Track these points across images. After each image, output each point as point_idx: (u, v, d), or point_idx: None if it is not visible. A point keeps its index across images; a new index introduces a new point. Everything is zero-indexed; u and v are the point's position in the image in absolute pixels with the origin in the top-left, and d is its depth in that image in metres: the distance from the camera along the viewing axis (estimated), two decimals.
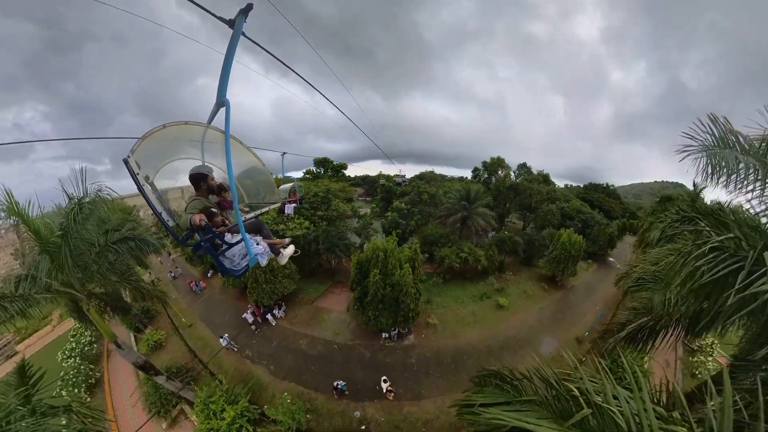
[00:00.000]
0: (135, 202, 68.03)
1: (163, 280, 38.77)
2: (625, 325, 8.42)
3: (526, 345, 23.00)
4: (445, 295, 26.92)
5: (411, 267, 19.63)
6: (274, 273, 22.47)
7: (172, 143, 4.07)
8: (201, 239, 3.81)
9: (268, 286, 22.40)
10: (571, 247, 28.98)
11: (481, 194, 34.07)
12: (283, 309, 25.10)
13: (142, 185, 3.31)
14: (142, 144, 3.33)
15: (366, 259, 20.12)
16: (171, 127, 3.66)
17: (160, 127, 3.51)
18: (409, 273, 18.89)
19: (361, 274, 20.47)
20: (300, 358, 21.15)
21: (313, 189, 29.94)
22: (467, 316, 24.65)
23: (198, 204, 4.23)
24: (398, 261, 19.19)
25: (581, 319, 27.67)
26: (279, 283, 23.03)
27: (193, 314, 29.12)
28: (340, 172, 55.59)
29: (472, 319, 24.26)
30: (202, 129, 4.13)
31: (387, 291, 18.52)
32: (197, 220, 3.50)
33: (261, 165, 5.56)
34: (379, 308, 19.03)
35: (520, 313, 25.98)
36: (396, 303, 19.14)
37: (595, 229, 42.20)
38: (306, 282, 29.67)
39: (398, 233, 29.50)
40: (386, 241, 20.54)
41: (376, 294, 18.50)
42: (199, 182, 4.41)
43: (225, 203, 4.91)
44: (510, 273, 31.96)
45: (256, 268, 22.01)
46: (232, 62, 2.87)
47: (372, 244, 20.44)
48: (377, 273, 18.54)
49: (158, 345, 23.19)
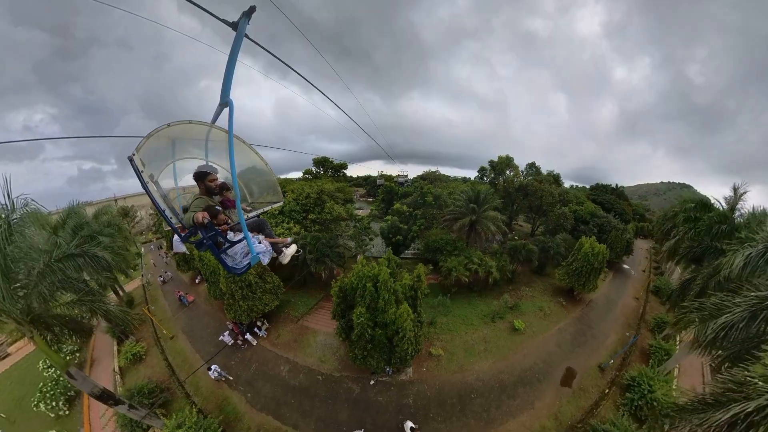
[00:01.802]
0: (134, 202, 65.84)
1: (153, 283, 35.97)
2: (724, 404, 6.17)
3: (545, 377, 18.95)
4: (452, 313, 22.75)
5: (412, 301, 14.99)
6: (253, 288, 18.72)
7: (176, 143, 4.01)
8: (203, 237, 3.68)
9: (246, 304, 18.60)
10: (594, 259, 24.63)
11: (491, 196, 29.78)
12: (265, 327, 21.36)
13: (147, 183, 3.17)
14: (147, 142, 3.24)
15: (350, 287, 15.51)
16: (175, 126, 3.56)
17: (164, 126, 3.41)
18: (409, 314, 14.06)
19: (345, 304, 16.10)
20: (279, 387, 17.48)
21: (305, 190, 26.11)
22: (477, 342, 20.39)
23: (201, 203, 4.04)
24: (393, 295, 14.38)
25: (603, 342, 23.58)
26: (258, 300, 19.22)
27: (176, 325, 26.34)
28: (340, 172, 51.94)
29: (482, 346, 20.01)
30: (206, 128, 4.01)
31: (377, 332, 14.19)
32: (200, 217, 3.45)
33: (263, 164, 5.27)
34: (368, 348, 14.68)
35: (538, 336, 21.75)
36: (389, 344, 14.81)
37: (612, 234, 37.63)
38: (295, 293, 25.99)
39: (398, 240, 25.41)
40: (378, 265, 15.60)
41: (362, 335, 14.21)
42: (203, 180, 4.16)
43: (228, 202, 4.68)
44: (525, 288, 27.51)
45: (231, 284, 18.39)
46: (236, 63, 2.84)
47: (358, 269, 15.51)
48: (363, 311, 14.02)
49: (138, 358, 21.22)
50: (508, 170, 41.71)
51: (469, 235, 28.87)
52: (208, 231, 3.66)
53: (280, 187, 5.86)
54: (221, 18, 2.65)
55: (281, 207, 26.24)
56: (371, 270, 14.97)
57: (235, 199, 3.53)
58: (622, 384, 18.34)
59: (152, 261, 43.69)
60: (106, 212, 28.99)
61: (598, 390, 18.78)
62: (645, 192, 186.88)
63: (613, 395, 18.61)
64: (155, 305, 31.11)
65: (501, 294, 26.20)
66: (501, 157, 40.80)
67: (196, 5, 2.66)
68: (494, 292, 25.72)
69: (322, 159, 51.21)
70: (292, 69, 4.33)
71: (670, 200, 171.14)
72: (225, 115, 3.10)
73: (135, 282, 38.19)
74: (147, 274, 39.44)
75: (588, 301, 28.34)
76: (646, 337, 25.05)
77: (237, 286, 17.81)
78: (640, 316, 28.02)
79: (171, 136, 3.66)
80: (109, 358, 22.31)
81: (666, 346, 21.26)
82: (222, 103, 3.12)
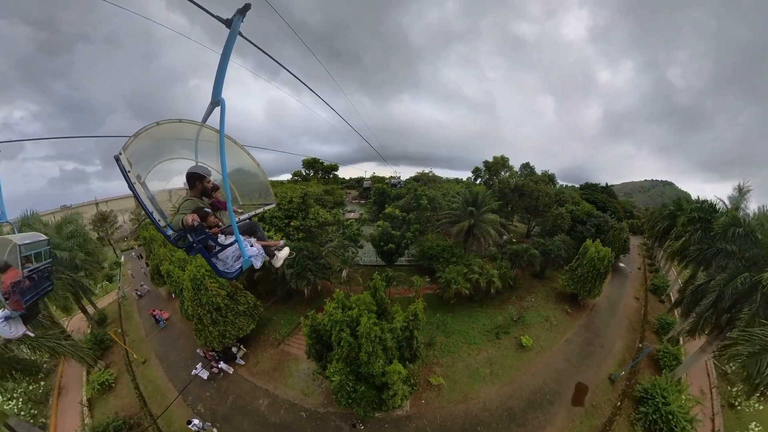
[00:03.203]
0: (116, 206, 61.69)
1: (130, 298, 32.61)
2: None
3: (556, 397, 16.88)
4: (451, 329, 20.34)
5: (408, 342, 11.91)
6: (223, 312, 15.93)
7: (165, 142, 3.83)
8: (193, 240, 3.50)
9: (217, 329, 15.85)
10: (600, 264, 22.77)
11: (489, 198, 27.64)
12: (242, 353, 18.57)
13: (134, 183, 2.98)
14: (134, 141, 3.03)
15: (324, 330, 12.36)
16: (165, 125, 3.33)
17: (153, 125, 3.18)
18: (399, 372, 10.89)
19: (321, 344, 12.99)
20: (258, 425, 14.77)
21: (288, 194, 23.33)
22: (482, 365, 18.00)
23: (191, 204, 3.85)
24: (380, 344, 10.99)
25: (611, 350, 22.00)
26: (231, 324, 16.43)
27: (149, 346, 23.30)
28: (330, 173, 49.37)
29: (488, 369, 17.66)
30: (196, 128, 3.82)
31: (359, 388, 11.47)
32: (190, 220, 3.27)
33: (255, 165, 5.03)
34: (352, 397, 11.71)
35: (546, 352, 19.62)
36: (378, 393, 11.92)
37: (610, 234, 36.19)
38: (277, 310, 23.02)
39: (390, 248, 22.84)
40: (357, 306, 11.84)
41: (342, 386, 11.37)
42: (195, 182, 3.97)
43: (218, 204, 4.44)
44: (527, 295, 25.24)
45: (198, 307, 15.62)
46: (228, 61, 2.75)
47: (329, 310, 11.96)
48: (339, 366, 11.20)
49: (107, 386, 18.92)
50: (503, 170, 39.82)
51: (467, 239, 26.66)
52: (198, 234, 3.44)
53: None
54: (215, 15, 2.60)
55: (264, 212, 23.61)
56: (347, 315, 11.38)
57: (226, 201, 3.31)
58: (634, 396, 17.25)
59: (130, 272, 40.11)
60: (71, 221, 25.68)
61: (610, 405, 17.47)
62: (630, 190, 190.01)
63: (627, 409, 17.31)
64: (129, 323, 27.95)
65: (503, 302, 24.07)
66: (496, 157, 38.90)
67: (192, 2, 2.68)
68: (496, 301, 23.52)
69: (311, 160, 48.51)
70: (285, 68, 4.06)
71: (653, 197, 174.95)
72: (216, 114, 2.90)
73: (111, 296, 34.71)
74: (124, 286, 36.02)
75: (592, 305, 26.65)
76: (651, 340, 23.96)
77: (204, 309, 15.01)
78: (643, 318, 27.25)
79: (160, 135, 3.39)
80: (78, 386, 19.63)
81: (674, 351, 20.35)
82: (213, 102, 2.95)
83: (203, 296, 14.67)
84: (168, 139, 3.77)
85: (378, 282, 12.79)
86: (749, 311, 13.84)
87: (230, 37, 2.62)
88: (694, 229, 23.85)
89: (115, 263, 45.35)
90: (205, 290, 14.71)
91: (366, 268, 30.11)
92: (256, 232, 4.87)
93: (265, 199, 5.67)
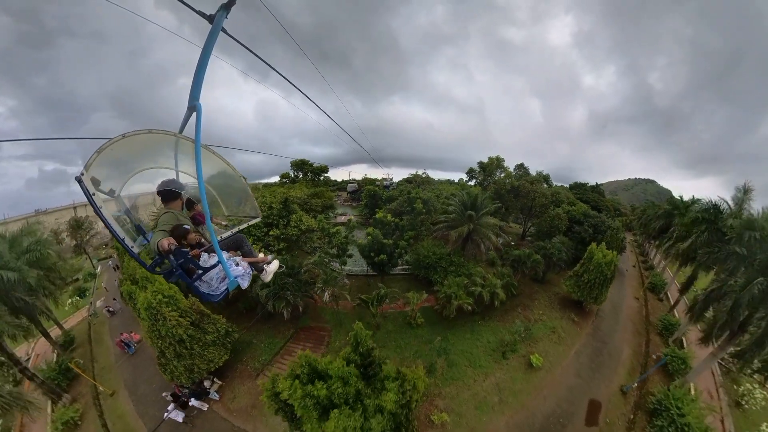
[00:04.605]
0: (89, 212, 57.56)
1: (101, 315, 29.47)
2: None
3: (570, 419, 15.19)
4: (454, 348, 18.34)
5: (406, 414, 9.22)
6: (187, 344, 13.36)
7: (139, 153, 3.43)
8: (173, 266, 3.08)
9: (182, 363, 13.37)
10: (607, 269, 21.34)
11: (487, 201, 25.80)
12: (217, 387, 16.06)
13: (100, 207, 2.64)
14: (98, 158, 2.71)
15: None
16: (132, 137, 2.94)
17: (118, 138, 2.83)
18: None
19: (287, 410, 9.97)
20: None
21: (267, 199, 20.72)
22: (490, 392, 15.92)
23: (170, 219, 3.43)
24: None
25: (619, 359, 20.77)
26: (199, 357, 13.88)
27: (119, 375, 20.54)
28: (320, 175, 46.95)
29: (496, 397, 15.64)
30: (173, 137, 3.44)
31: None
32: (165, 245, 2.90)
33: (237, 175, 4.61)
34: None
35: (556, 369, 17.92)
36: None
37: (608, 234, 35.11)
38: (257, 331, 20.47)
39: (383, 260, 20.46)
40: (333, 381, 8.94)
41: None
42: (168, 200, 3.64)
43: (200, 217, 4.02)
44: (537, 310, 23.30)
45: (158, 339, 13.11)
46: (209, 61, 2.49)
47: (285, 387, 9.10)
48: None
49: (72, 424, 16.73)
50: (498, 171, 38.31)
51: (465, 245, 24.78)
52: (177, 258, 3.01)
53: None
54: (197, 10, 2.42)
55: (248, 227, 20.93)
56: (315, 391, 8.43)
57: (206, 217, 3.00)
58: (648, 408, 16.47)
59: (104, 285, 36.72)
60: (30, 232, 22.54)
61: (624, 419, 16.46)
62: (615, 188, 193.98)
63: (641, 421, 16.38)
64: (99, 347, 24.99)
65: (506, 313, 22.24)
66: (491, 158, 37.40)
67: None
68: (499, 311, 21.65)
69: (300, 161, 45.96)
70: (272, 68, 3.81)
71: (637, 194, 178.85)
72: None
73: (83, 312, 31.44)
74: (96, 301, 32.77)
75: (596, 310, 25.37)
76: (656, 343, 23.18)
77: (165, 342, 12.51)
78: (646, 319, 26.51)
79: (131, 147, 2.97)
80: (42, 423, 17.17)
81: (681, 354, 19.64)
82: (190, 107, 2.64)
83: (162, 327, 12.21)
84: (142, 149, 3.34)
85: (361, 332, 9.85)
86: None
87: (212, 33, 2.39)
88: (700, 231, 22.90)
89: (89, 274, 41.75)
90: (163, 320, 12.23)
91: (357, 279, 27.92)
92: (243, 246, 4.44)
93: (250, 210, 5.18)
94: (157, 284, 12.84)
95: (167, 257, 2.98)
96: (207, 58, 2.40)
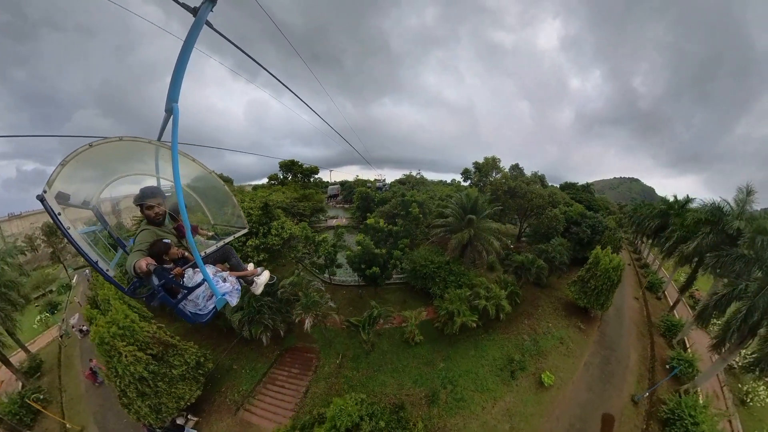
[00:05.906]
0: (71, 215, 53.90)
1: (73, 335, 26.58)
2: None
3: None
4: (458, 369, 16.62)
5: None
6: (149, 382, 11.23)
7: (114, 160, 3.12)
8: (153, 288, 2.82)
9: (146, 403, 11.26)
10: (614, 274, 20.14)
11: (487, 203, 24.24)
12: (193, 424, 13.91)
13: (68, 228, 2.37)
14: (64, 171, 2.42)
15: None
16: (100, 146, 2.63)
17: (85, 147, 2.54)
18: None
19: None
20: None
21: (245, 205, 18.61)
22: (500, 420, 14.23)
23: (147, 236, 3.19)
24: None
25: (628, 365, 19.77)
26: (166, 395, 11.76)
27: (88, 408, 18.00)
28: (310, 176, 44.82)
29: (507, 425, 13.98)
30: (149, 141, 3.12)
31: None
32: (144, 265, 2.67)
33: (220, 184, 4.31)
34: None
35: (568, 385, 16.50)
36: None
37: (605, 234, 34.34)
38: (238, 354, 18.31)
39: (375, 272, 18.41)
40: None
41: None
42: (145, 211, 3.35)
43: (183, 229, 3.49)
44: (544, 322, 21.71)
45: (115, 377, 10.96)
46: (189, 58, 2.23)
47: None
48: None
49: None
50: (493, 172, 37.04)
51: (464, 251, 23.18)
52: (159, 278, 2.80)
53: None
54: (180, 2, 2.28)
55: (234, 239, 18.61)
56: None
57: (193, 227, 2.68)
58: (660, 417, 15.85)
59: (78, 299, 33.65)
60: None
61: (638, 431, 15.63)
62: (602, 187, 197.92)
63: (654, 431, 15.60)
64: (69, 372, 22.24)
65: (510, 323, 20.69)
66: (487, 158, 36.09)
67: None
68: (503, 323, 20.12)
69: (289, 162, 43.71)
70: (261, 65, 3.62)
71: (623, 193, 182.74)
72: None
73: (54, 330, 28.45)
74: (70, 318, 29.76)
75: (601, 314, 24.29)
76: (660, 345, 22.40)
77: (124, 381, 10.40)
78: (648, 320, 26.00)
79: (102, 156, 2.73)
80: None
81: (687, 357, 19.26)
82: (167, 109, 2.37)
83: (118, 365, 10.10)
84: (115, 157, 3.05)
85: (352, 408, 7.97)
86: None
87: (194, 26, 2.22)
88: (705, 233, 22.26)
89: (64, 286, 38.47)
90: (119, 357, 10.12)
91: (348, 290, 25.94)
92: (230, 259, 4.09)
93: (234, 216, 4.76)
94: (112, 313, 10.66)
95: (147, 279, 2.79)
96: (188, 54, 2.19)
